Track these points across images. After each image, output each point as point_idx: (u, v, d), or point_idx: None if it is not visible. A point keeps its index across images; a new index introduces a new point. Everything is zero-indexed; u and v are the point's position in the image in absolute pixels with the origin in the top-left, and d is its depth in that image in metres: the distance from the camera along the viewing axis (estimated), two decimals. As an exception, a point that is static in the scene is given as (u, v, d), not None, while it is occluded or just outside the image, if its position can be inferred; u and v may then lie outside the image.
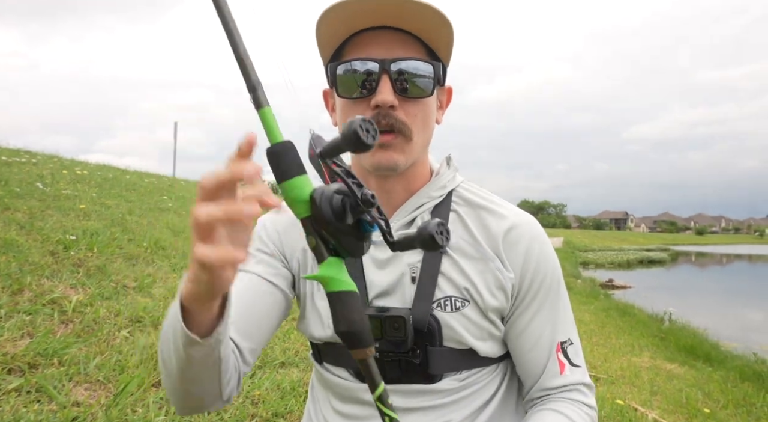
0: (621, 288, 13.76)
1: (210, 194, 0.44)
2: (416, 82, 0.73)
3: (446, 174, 0.85)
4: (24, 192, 4.31)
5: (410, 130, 0.74)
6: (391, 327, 0.72)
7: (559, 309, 0.80)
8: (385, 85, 0.71)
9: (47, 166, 6.17)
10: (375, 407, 0.76)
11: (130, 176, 7.87)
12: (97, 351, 2.11)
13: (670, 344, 6.19)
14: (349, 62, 0.74)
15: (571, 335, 0.81)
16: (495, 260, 0.77)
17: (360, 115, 0.74)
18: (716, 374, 4.85)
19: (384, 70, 0.72)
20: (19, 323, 2.12)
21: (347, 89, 0.75)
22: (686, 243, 72.00)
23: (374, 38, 0.74)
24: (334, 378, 0.80)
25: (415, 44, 0.75)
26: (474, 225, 0.80)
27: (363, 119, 0.46)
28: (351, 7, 0.70)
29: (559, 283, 0.81)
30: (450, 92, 0.85)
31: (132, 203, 5.40)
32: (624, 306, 8.94)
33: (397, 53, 0.73)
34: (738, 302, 12.91)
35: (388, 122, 0.72)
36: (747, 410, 3.75)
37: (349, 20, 0.73)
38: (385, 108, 0.72)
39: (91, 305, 2.49)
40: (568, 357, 0.79)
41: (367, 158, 0.75)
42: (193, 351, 0.57)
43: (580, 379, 0.80)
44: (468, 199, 0.83)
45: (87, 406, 1.74)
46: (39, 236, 3.21)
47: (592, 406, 0.80)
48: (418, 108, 0.75)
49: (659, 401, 3.61)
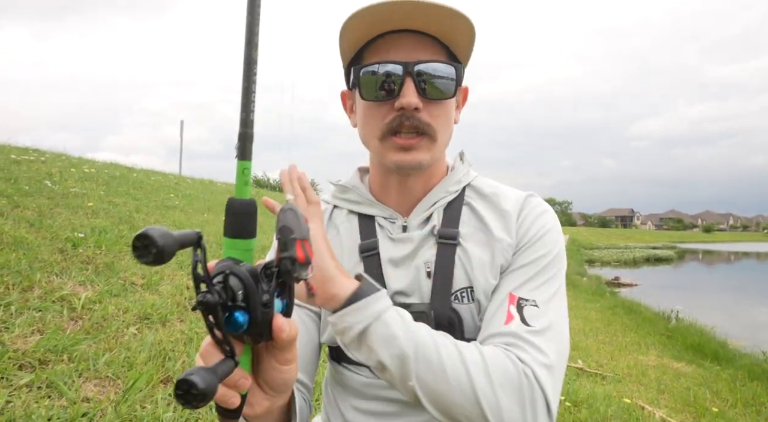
0: (627, 286, 13.70)
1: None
2: (439, 84, 0.75)
3: (461, 169, 0.86)
4: (33, 190, 4.35)
5: (435, 130, 0.76)
6: None
7: (532, 272, 0.75)
8: (410, 88, 0.73)
9: (56, 164, 6.22)
10: (397, 403, 0.77)
11: (137, 174, 7.92)
12: (106, 347, 2.13)
13: (677, 342, 6.16)
14: (372, 65, 0.75)
15: (541, 303, 0.71)
16: (502, 240, 0.78)
17: (385, 118, 0.75)
18: (724, 372, 4.82)
19: (408, 72, 0.73)
20: (30, 319, 2.14)
21: (371, 92, 0.76)
22: (693, 241, 71.49)
23: (395, 41, 0.75)
24: (355, 376, 0.81)
25: (435, 46, 0.76)
26: (486, 212, 0.81)
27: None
28: (373, 11, 0.71)
29: (546, 253, 0.76)
30: (466, 92, 0.87)
31: (139, 201, 5.44)
32: (630, 304, 8.90)
33: (419, 56, 0.74)
34: (746, 301, 12.81)
35: (412, 123, 0.74)
36: (756, 409, 3.73)
37: (371, 24, 0.74)
38: (409, 110, 0.73)
39: (99, 302, 2.51)
40: (521, 314, 0.70)
41: (390, 157, 0.77)
42: None
43: (525, 335, 0.67)
44: (480, 190, 0.85)
45: (96, 402, 1.75)
46: (48, 233, 3.24)
47: (528, 363, 0.64)
48: (441, 109, 0.77)
49: (666, 399, 3.59)
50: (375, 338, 0.62)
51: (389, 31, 0.75)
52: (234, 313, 0.44)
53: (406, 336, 0.63)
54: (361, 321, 0.62)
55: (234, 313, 0.44)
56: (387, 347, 0.62)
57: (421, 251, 0.79)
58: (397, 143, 0.75)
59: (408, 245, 0.80)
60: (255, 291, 0.45)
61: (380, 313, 0.63)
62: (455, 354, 0.63)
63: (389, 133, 0.75)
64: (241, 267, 0.45)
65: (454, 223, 0.81)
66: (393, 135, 0.75)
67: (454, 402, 0.62)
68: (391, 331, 0.62)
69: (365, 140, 0.81)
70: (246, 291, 0.45)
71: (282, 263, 0.46)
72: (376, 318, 0.62)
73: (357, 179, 0.89)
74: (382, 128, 0.76)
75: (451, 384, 0.61)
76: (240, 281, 0.45)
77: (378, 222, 0.84)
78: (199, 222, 5.32)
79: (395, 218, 0.83)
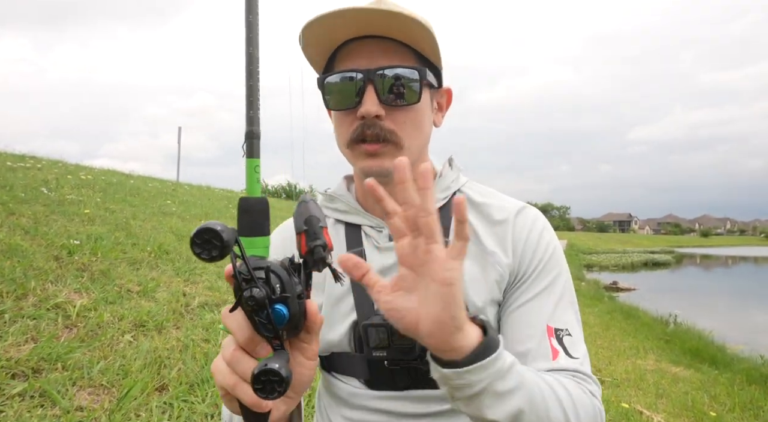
0: (625, 291, 13.71)
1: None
2: (402, 90, 0.73)
3: (449, 175, 0.85)
4: (29, 197, 4.34)
5: (399, 137, 0.74)
6: (399, 335, 0.71)
7: (556, 296, 0.75)
8: (370, 96, 0.71)
9: (52, 171, 6.21)
10: (385, 413, 0.76)
11: (134, 180, 7.90)
12: (101, 355, 2.11)
13: (676, 346, 6.16)
14: (334, 74, 0.74)
15: (571, 328, 0.73)
16: (494, 254, 0.76)
17: (350, 127, 0.74)
18: (722, 377, 4.81)
19: (368, 79, 0.72)
20: (23, 327, 2.12)
21: (336, 101, 0.75)
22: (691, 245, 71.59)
23: (359, 48, 0.74)
24: (344, 386, 0.80)
25: (402, 51, 0.74)
26: (476, 222, 0.80)
27: None
28: (330, 21, 0.70)
29: (560, 272, 0.77)
30: (449, 94, 0.85)
31: (136, 208, 5.42)
32: (628, 309, 8.91)
33: (381, 62, 0.72)
34: (744, 305, 12.82)
35: (373, 131, 0.72)
36: (754, 413, 3.72)
37: (330, 32, 0.73)
38: (370, 118, 0.72)
39: (95, 309, 2.50)
40: (563, 346, 0.71)
41: (359, 164, 0.76)
42: None
43: (579, 368, 0.69)
44: (471, 198, 0.83)
45: (90, 411, 1.74)
46: (43, 240, 3.22)
47: (596, 396, 0.68)
48: (407, 115, 0.74)
49: (665, 404, 3.58)
50: (493, 396, 0.54)
51: (356, 37, 0.74)
52: (275, 307, 0.45)
53: (522, 392, 0.56)
54: (483, 380, 0.53)
55: (275, 307, 0.45)
56: (503, 405, 0.55)
57: None
58: (364, 150, 0.74)
59: (395, 254, 0.79)
60: (291, 284, 0.46)
61: (505, 371, 0.55)
62: (555, 400, 0.60)
63: (355, 141, 0.74)
64: (274, 262, 0.46)
65: (444, 232, 0.80)
66: (360, 142, 0.74)
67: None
68: (508, 387, 0.55)
69: (339, 147, 0.81)
70: (283, 285, 0.46)
71: (315, 251, 0.48)
72: (500, 377, 0.54)
73: (344, 187, 0.88)
74: (347, 136, 0.75)
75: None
76: (277, 275, 0.46)
77: (364, 231, 0.82)
78: (196, 229, 5.30)
79: (382, 227, 0.81)
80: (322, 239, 0.48)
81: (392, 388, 0.75)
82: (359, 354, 0.77)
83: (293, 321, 0.46)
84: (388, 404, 0.76)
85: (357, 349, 0.77)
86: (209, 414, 1.93)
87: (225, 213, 7.11)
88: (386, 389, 0.76)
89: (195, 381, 2.12)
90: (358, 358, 0.77)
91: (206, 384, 2.11)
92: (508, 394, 0.55)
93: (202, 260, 0.40)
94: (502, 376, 0.54)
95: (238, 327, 0.47)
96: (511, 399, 0.55)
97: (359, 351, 0.77)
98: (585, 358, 0.72)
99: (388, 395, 0.76)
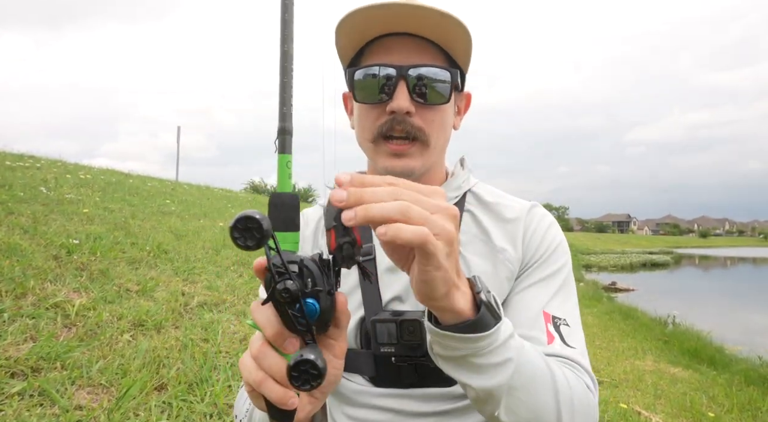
0: (624, 291, 13.72)
1: None
2: (433, 89, 0.74)
3: (461, 175, 0.86)
4: (28, 197, 4.34)
5: (427, 136, 0.75)
6: (407, 331, 0.71)
7: (556, 286, 0.75)
8: (402, 92, 0.72)
9: (51, 170, 6.21)
10: (389, 412, 0.76)
11: (133, 180, 7.90)
12: (100, 354, 2.11)
13: (674, 347, 6.17)
14: (367, 68, 0.75)
15: (569, 319, 0.72)
16: (505, 251, 0.77)
17: (377, 121, 0.74)
18: (721, 377, 4.82)
19: (401, 76, 0.72)
20: (23, 327, 2.12)
21: (364, 94, 0.75)
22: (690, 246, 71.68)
23: (392, 44, 0.75)
24: (348, 383, 0.80)
25: (433, 51, 0.75)
26: (487, 220, 0.81)
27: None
28: (369, 14, 0.71)
29: (563, 265, 0.77)
30: (469, 98, 0.86)
31: (135, 207, 5.42)
32: (627, 309, 8.91)
33: (415, 60, 0.73)
34: (743, 306, 12.84)
35: (403, 128, 0.73)
36: (752, 414, 3.72)
37: (368, 26, 0.74)
38: (400, 114, 0.73)
39: (94, 309, 2.50)
40: (560, 333, 0.70)
41: (382, 163, 0.76)
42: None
43: (574, 357, 0.68)
44: (481, 198, 0.84)
45: (89, 410, 1.74)
46: (42, 240, 3.22)
47: (592, 390, 0.66)
48: (436, 114, 0.75)
49: (663, 405, 3.59)
50: (485, 365, 0.54)
51: (388, 33, 0.75)
52: (307, 301, 0.45)
53: (515, 368, 0.55)
54: (484, 348, 0.53)
55: (307, 301, 0.45)
56: (491, 376, 0.54)
57: None
58: (389, 149, 0.75)
59: None
60: (322, 279, 0.46)
61: (505, 340, 0.54)
62: (550, 385, 0.59)
63: (381, 136, 0.75)
64: (306, 257, 0.47)
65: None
66: (385, 140, 0.75)
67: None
68: (502, 359, 0.54)
69: (359, 142, 0.81)
70: (314, 279, 0.46)
71: (344, 247, 0.48)
72: (501, 344, 0.54)
73: None
74: (374, 130, 0.75)
75: (539, 417, 0.58)
76: (309, 269, 0.46)
77: None
78: (196, 228, 5.30)
79: None
80: (351, 236, 0.48)
81: (397, 385, 0.76)
82: (366, 350, 0.77)
83: (324, 316, 0.46)
84: (392, 402, 0.76)
85: (363, 345, 0.77)
86: (208, 414, 1.93)
87: (224, 213, 7.11)
88: (391, 386, 0.76)
89: (194, 381, 2.12)
90: (364, 354, 0.77)
91: (205, 384, 2.11)
92: (499, 368, 0.54)
93: (237, 246, 0.41)
94: (504, 345, 0.54)
95: (268, 321, 0.47)
96: (502, 373, 0.54)
97: (366, 347, 0.77)
98: (583, 351, 0.71)
99: (392, 392, 0.76)
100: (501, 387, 0.55)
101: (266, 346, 0.48)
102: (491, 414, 0.57)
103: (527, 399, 0.57)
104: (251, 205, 9.03)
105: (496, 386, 0.55)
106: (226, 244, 4.72)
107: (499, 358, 0.54)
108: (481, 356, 0.54)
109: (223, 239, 4.91)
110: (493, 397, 0.55)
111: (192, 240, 4.57)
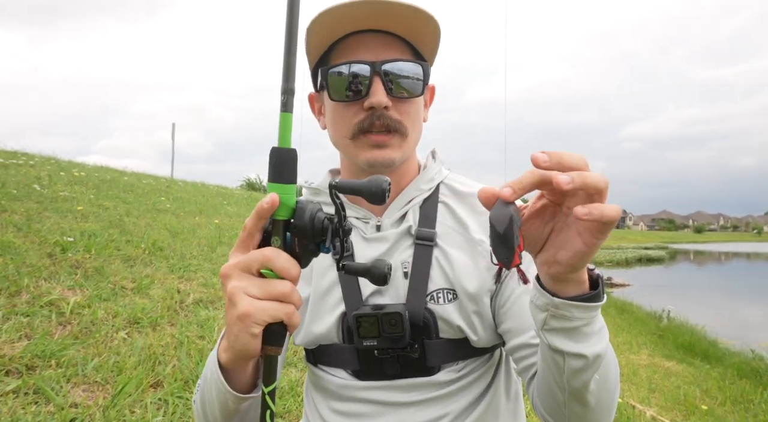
0: (619, 286, 13.78)
1: None
2: (406, 83, 0.75)
3: (433, 167, 0.87)
4: (21, 194, 4.31)
5: (405, 127, 0.77)
6: (388, 324, 0.73)
7: None
8: (378, 87, 0.73)
9: (45, 168, 6.17)
10: (373, 404, 0.77)
11: (127, 177, 7.86)
12: (95, 352, 2.11)
13: (669, 341, 6.22)
14: (340, 66, 0.75)
15: None
16: (482, 243, 0.78)
17: (355, 118, 0.75)
18: (714, 371, 4.87)
19: (375, 72, 0.73)
20: (17, 325, 2.12)
21: (339, 92, 0.76)
22: (685, 241, 72.09)
23: (361, 41, 0.75)
24: (332, 378, 0.81)
25: (401, 45, 0.77)
26: (463, 212, 0.82)
27: (388, 181, 0.52)
28: (341, 11, 0.72)
29: None
30: (433, 91, 0.87)
31: (130, 205, 5.40)
32: (622, 304, 8.96)
33: (386, 55, 0.75)
34: (736, 300, 12.94)
35: (383, 122, 0.75)
36: (744, 407, 3.77)
37: (338, 24, 0.74)
38: (379, 109, 0.74)
39: (88, 306, 2.49)
40: None
41: (363, 156, 0.77)
42: (240, 405, 0.64)
43: None
44: (455, 189, 0.85)
45: (85, 407, 1.74)
46: (36, 237, 3.21)
47: None
48: (410, 107, 0.77)
49: (657, 398, 3.62)
50: (592, 332, 0.58)
51: (355, 31, 0.76)
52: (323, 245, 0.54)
53: (605, 337, 0.61)
54: (596, 316, 0.58)
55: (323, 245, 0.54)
56: (599, 340, 0.59)
57: (398, 251, 0.79)
58: (371, 140, 0.76)
59: (383, 244, 0.80)
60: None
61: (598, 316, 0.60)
62: (613, 355, 0.65)
63: (360, 132, 0.76)
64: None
65: (431, 223, 0.81)
66: (364, 133, 0.76)
67: (611, 408, 0.65)
68: (601, 324, 0.60)
69: (335, 140, 0.82)
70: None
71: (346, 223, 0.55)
72: (597, 319, 0.59)
73: (329, 180, 0.89)
74: (352, 127, 0.76)
75: (612, 395, 0.65)
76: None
77: (351, 223, 0.84)
78: (191, 225, 5.28)
79: (369, 218, 0.83)
80: (517, 241, 0.51)
81: (381, 377, 0.77)
82: (348, 344, 0.78)
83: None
84: (376, 394, 0.77)
85: (346, 340, 0.78)
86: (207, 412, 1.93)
87: (220, 210, 7.09)
88: (374, 379, 0.77)
89: (190, 378, 2.12)
90: (347, 349, 0.78)
91: (201, 381, 2.11)
92: (601, 333, 0.60)
93: None
94: (598, 318, 0.59)
95: (292, 264, 0.52)
96: (603, 339, 0.60)
97: (348, 341, 0.78)
98: None
99: (375, 385, 0.77)
100: (605, 349, 0.60)
101: (292, 285, 0.53)
102: (585, 383, 0.60)
103: (609, 363, 0.62)
104: (247, 202, 9.00)
105: (603, 350, 0.59)
106: (222, 241, 4.71)
107: (600, 324, 0.60)
108: (593, 324, 0.58)
109: (218, 236, 4.90)
110: (599, 359, 0.60)
111: (187, 237, 4.56)
